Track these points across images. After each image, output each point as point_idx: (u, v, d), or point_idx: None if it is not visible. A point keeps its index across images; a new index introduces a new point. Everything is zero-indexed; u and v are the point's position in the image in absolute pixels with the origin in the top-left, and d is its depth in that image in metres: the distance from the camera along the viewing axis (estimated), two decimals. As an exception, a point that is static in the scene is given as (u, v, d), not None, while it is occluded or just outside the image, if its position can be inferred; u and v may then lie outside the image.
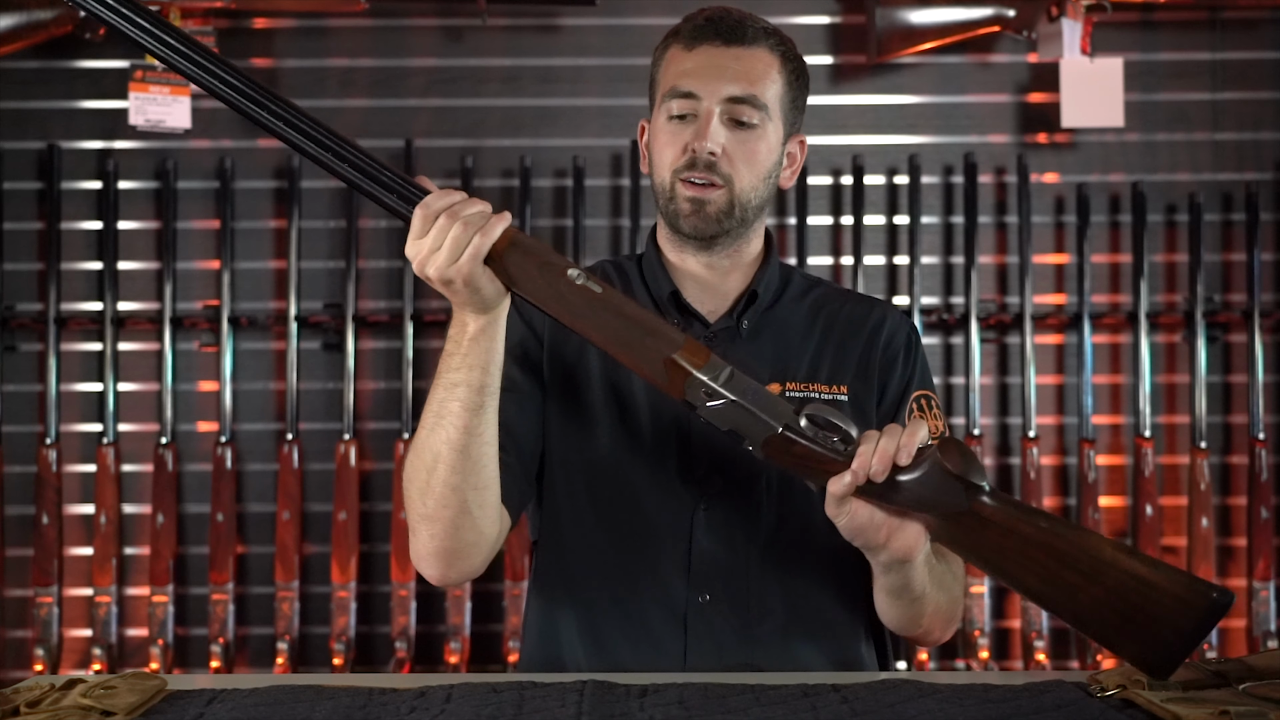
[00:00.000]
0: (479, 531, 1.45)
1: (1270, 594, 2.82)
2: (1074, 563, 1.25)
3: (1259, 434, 2.84)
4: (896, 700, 1.20)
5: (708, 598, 1.52)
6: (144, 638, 2.85)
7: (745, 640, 1.52)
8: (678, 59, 1.56)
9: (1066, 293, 2.95)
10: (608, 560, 1.54)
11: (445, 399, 1.39)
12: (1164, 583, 1.22)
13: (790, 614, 1.54)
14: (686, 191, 1.54)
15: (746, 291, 1.60)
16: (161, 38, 1.33)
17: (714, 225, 1.55)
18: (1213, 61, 2.96)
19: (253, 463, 2.92)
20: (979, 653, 2.80)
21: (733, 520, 1.53)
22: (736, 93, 1.53)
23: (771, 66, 1.56)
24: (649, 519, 1.53)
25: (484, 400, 1.39)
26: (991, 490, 1.29)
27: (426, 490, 1.43)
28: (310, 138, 1.37)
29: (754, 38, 1.55)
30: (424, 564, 1.49)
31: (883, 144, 2.96)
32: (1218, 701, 1.17)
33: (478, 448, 1.40)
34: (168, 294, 2.85)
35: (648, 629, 1.52)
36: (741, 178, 1.54)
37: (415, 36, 2.96)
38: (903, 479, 1.30)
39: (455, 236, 1.31)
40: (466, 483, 1.41)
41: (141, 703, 1.19)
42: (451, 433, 1.39)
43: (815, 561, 1.55)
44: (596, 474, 1.55)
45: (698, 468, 1.54)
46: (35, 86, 2.92)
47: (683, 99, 1.54)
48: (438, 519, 1.43)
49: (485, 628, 2.85)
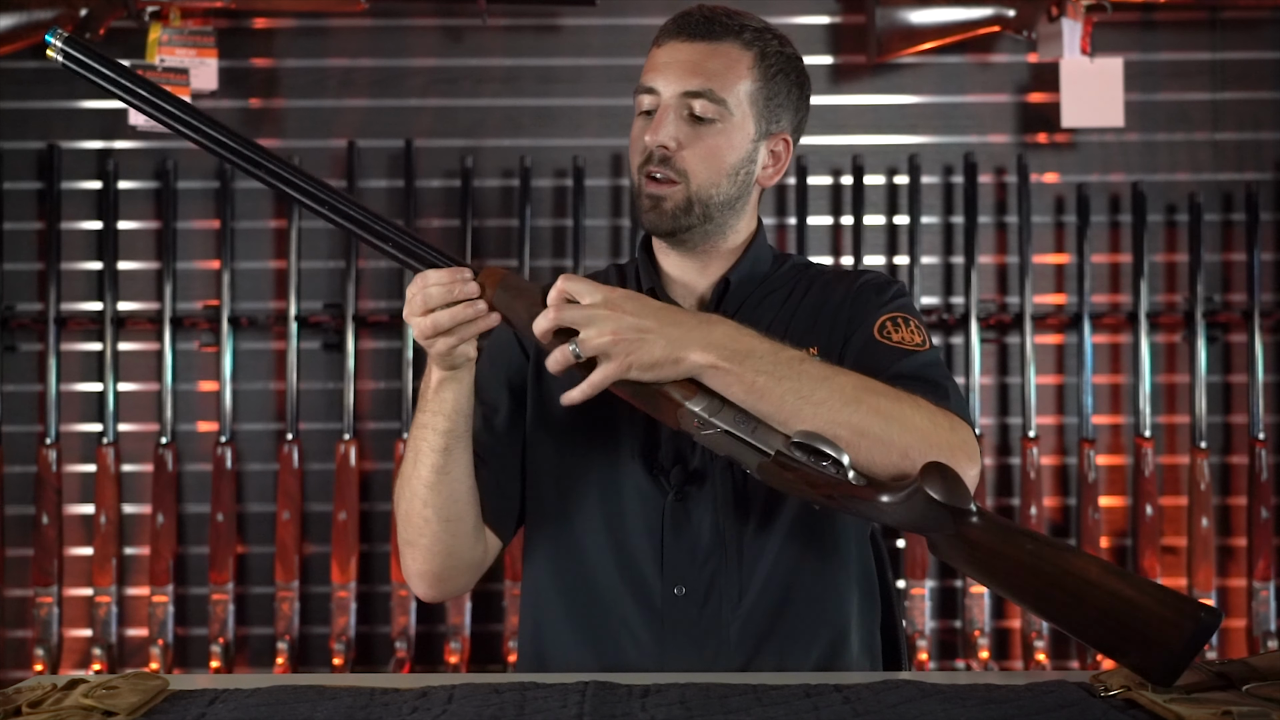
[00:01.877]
0: (457, 556, 1.53)
1: (1270, 594, 2.82)
2: (1061, 584, 1.25)
3: (1259, 434, 2.84)
4: (899, 701, 1.20)
5: (683, 590, 1.52)
6: (144, 638, 2.85)
7: (722, 632, 1.51)
8: (650, 56, 1.57)
9: (1066, 293, 2.95)
10: (585, 558, 1.55)
11: (418, 437, 1.47)
12: (1151, 604, 1.21)
13: (767, 603, 1.52)
14: (648, 188, 1.54)
15: (719, 282, 1.60)
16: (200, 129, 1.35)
17: (670, 221, 1.54)
18: (1213, 61, 2.96)
19: (253, 463, 2.92)
20: (979, 653, 2.80)
21: (701, 511, 1.53)
22: (693, 87, 1.52)
23: (739, 62, 1.54)
24: (620, 514, 1.54)
25: (449, 443, 1.46)
26: (979, 511, 1.28)
27: (407, 518, 1.51)
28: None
29: (722, 33, 1.54)
30: (413, 582, 1.57)
31: (883, 144, 2.96)
32: (1220, 702, 1.17)
33: (447, 485, 1.48)
34: (168, 294, 2.85)
35: (625, 622, 1.53)
36: (698, 174, 1.53)
37: (415, 36, 2.96)
38: (885, 499, 1.30)
39: (436, 321, 1.36)
40: (438, 514, 1.49)
41: (143, 703, 1.19)
42: (423, 470, 1.47)
43: (789, 549, 1.53)
44: (568, 473, 1.57)
45: (664, 460, 1.54)
46: (35, 86, 2.92)
47: (646, 94, 1.55)
48: (417, 545, 1.52)
49: (485, 628, 2.85)
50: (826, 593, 1.55)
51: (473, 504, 1.51)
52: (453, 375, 1.43)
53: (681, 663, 1.49)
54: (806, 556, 1.54)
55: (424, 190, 2.92)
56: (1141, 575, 1.25)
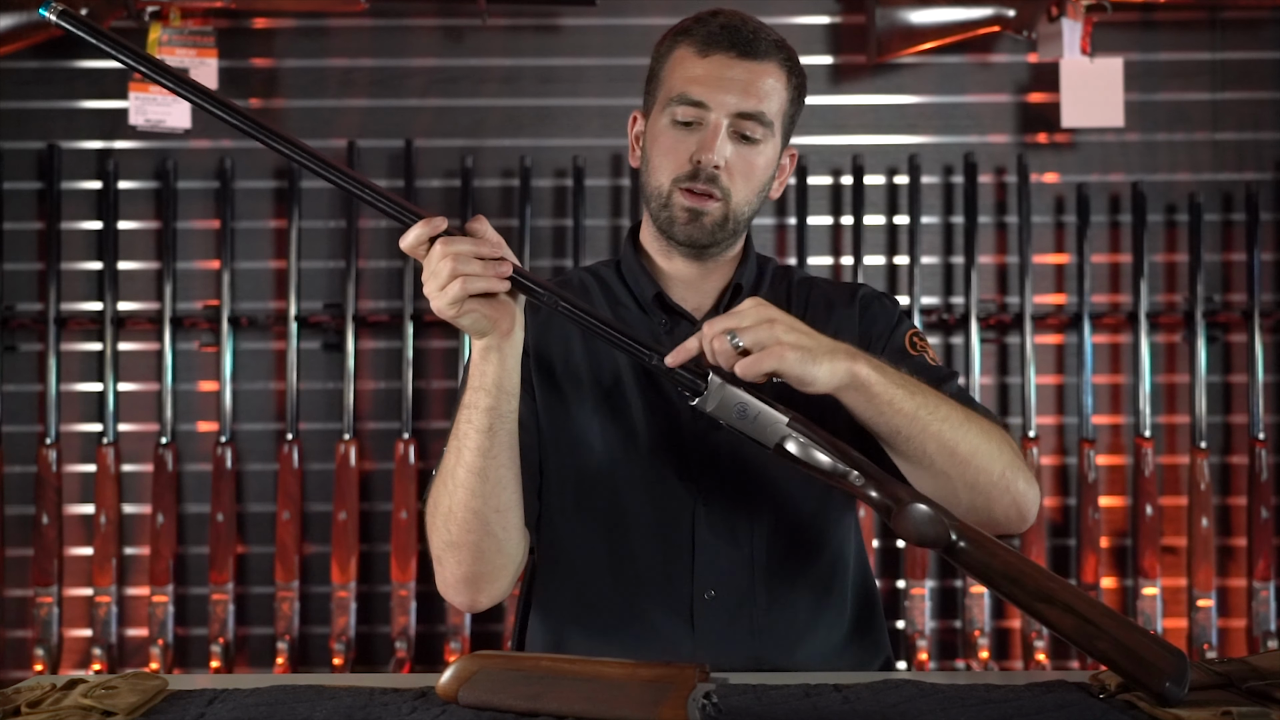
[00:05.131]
0: (504, 554, 1.46)
1: (1270, 594, 2.82)
2: (1047, 597, 1.27)
3: (1259, 434, 2.84)
4: (899, 700, 1.20)
5: (713, 594, 1.53)
6: (144, 638, 2.85)
7: (752, 635, 1.53)
8: (688, 62, 1.55)
9: (1066, 293, 2.95)
10: (609, 564, 1.55)
11: (460, 422, 1.42)
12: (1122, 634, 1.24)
13: (796, 606, 1.55)
14: (685, 201, 1.54)
15: (730, 285, 1.62)
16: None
17: (709, 236, 1.56)
18: (1213, 61, 2.96)
19: (253, 463, 2.92)
20: (979, 653, 2.80)
21: (732, 515, 1.54)
22: (746, 109, 1.53)
23: (780, 82, 1.56)
24: (648, 519, 1.54)
25: (493, 422, 1.40)
26: (960, 529, 1.30)
27: (450, 516, 1.44)
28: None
29: (766, 52, 1.55)
30: (452, 592, 1.49)
31: (883, 144, 2.96)
32: (1220, 702, 1.17)
33: (495, 470, 1.41)
34: (168, 294, 2.85)
35: (655, 629, 1.53)
36: (739, 191, 1.55)
37: (415, 36, 2.96)
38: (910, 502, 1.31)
39: (438, 271, 1.31)
40: (487, 505, 1.42)
41: (142, 703, 1.19)
42: (467, 456, 1.41)
43: (818, 552, 1.56)
44: (591, 478, 1.56)
45: (693, 464, 1.54)
46: (35, 86, 2.92)
47: (691, 106, 1.53)
48: (462, 544, 1.44)
49: (485, 628, 2.85)
50: (855, 588, 1.60)
51: (519, 492, 1.46)
52: (493, 345, 1.37)
53: (711, 666, 1.49)
54: (834, 555, 1.58)
55: (424, 190, 2.92)
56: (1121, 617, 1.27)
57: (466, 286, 1.30)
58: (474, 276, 1.30)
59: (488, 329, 1.35)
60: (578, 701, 1.14)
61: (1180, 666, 1.20)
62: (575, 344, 1.59)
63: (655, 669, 1.14)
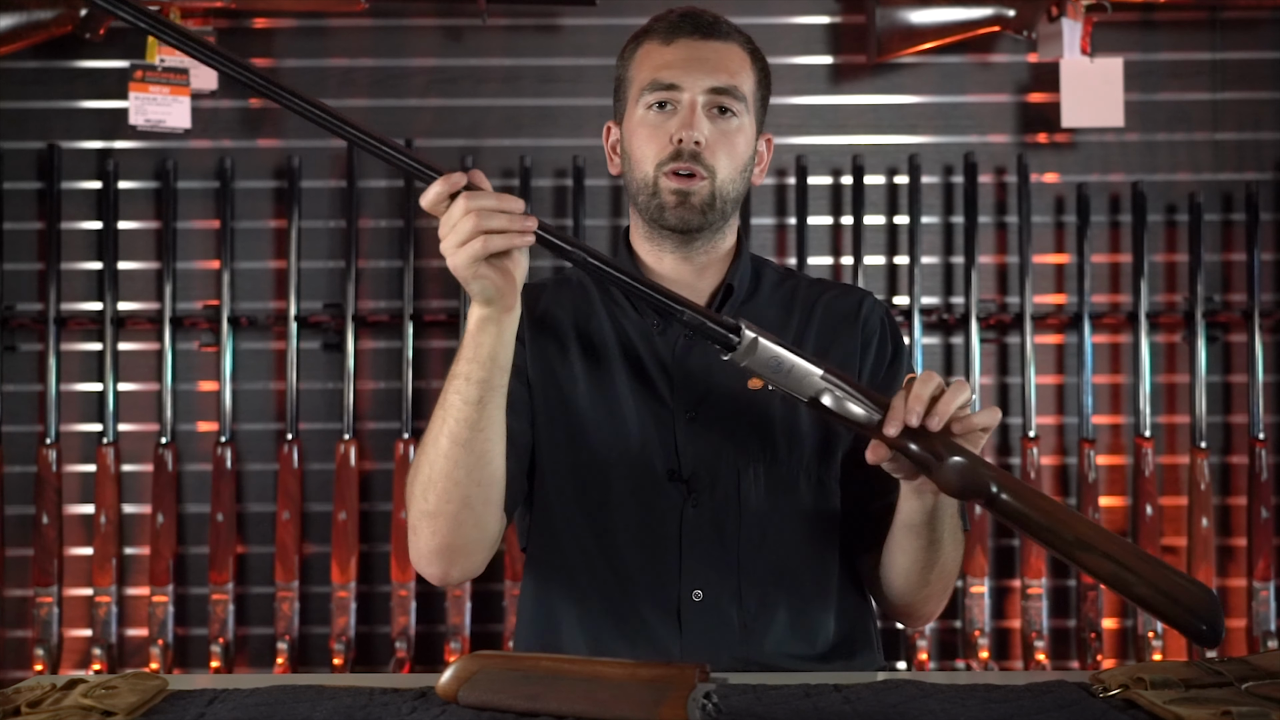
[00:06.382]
0: (481, 528, 1.45)
1: (1270, 594, 2.82)
2: (1086, 544, 1.30)
3: (1259, 434, 2.84)
4: (899, 700, 1.20)
5: (701, 594, 1.53)
6: (144, 638, 2.85)
7: (740, 635, 1.53)
8: (654, 53, 1.58)
9: (1066, 293, 2.95)
10: (600, 561, 1.55)
11: (449, 390, 1.40)
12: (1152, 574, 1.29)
13: (784, 608, 1.55)
14: (671, 183, 1.55)
15: (721, 286, 1.62)
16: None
17: (699, 216, 1.56)
18: (1213, 61, 2.96)
19: (253, 463, 2.92)
20: (979, 653, 2.80)
21: (721, 516, 1.54)
22: (719, 83, 1.56)
23: (745, 63, 1.60)
24: (638, 518, 1.54)
25: (484, 394, 1.39)
26: (999, 479, 1.32)
27: (429, 485, 1.43)
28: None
29: (729, 34, 1.60)
30: (424, 563, 1.48)
31: (883, 144, 2.96)
32: (1220, 701, 1.17)
33: (480, 443, 1.40)
34: (168, 294, 2.85)
35: (644, 627, 1.53)
36: (723, 168, 1.56)
37: (415, 36, 2.96)
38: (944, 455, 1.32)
39: (460, 227, 1.30)
40: (469, 478, 1.41)
41: (142, 703, 1.19)
42: (453, 425, 1.39)
43: (806, 554, 1.57)
44: (585, 475, 1.56)
45: (684, 466, 1.54)
46: (35, 86, 2.92)
47: (664, 90, 1.56)
48: (440, 514, 1.43)
49: (485, 628, 2.85)
50: (832, 587, 1.59)
51: (502, 470, 1.44)
52: (493, 317, 1.36)
53: None
54: (819, 557, 1.58)
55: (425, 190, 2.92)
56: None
57: (488, 244, 1.29)
58: (495, 234, 1.29)
59: (494, 297, 1.34)
60: (577, 701, 1.13)
61: (1214, 609, 1.26)
62: (572, 344, 1.60)
63: (655, 669, 1.13)
